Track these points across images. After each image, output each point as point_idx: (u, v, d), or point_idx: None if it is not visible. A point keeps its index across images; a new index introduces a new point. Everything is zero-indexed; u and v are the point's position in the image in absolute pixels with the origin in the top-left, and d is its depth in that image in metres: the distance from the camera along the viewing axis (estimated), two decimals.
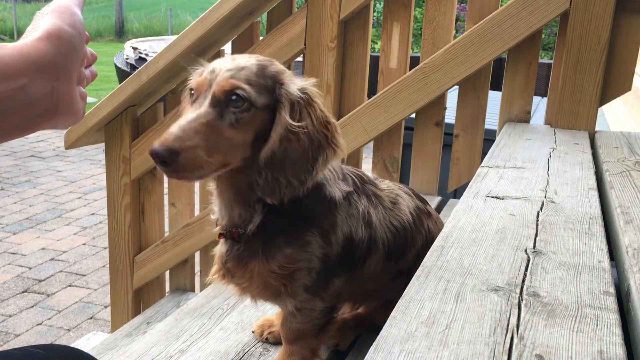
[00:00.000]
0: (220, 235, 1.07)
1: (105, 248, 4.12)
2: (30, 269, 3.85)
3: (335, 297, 1.12)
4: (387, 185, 1.21)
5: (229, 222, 1.05)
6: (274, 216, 1.02)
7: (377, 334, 0.75)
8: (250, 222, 1.02)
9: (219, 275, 1.11)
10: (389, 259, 1.15)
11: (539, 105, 4.23)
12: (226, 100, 0.91)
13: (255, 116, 0.93)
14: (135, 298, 2.64)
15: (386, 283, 1.21)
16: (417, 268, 1.20)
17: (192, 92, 0.96)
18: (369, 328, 1.31)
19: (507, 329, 0.76)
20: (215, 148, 0.90)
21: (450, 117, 2.32)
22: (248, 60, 0.96)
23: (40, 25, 0.66)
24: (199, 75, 0.97)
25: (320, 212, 1.04)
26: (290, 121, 0.93)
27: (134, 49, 7.71)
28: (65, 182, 5.71)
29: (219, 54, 2.40)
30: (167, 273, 2.65)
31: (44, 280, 3.71)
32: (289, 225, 1.03)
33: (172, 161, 0.86)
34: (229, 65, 0.94)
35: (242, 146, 0.94)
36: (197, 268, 2.73)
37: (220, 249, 1.10)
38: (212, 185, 1.07)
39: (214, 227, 1.11)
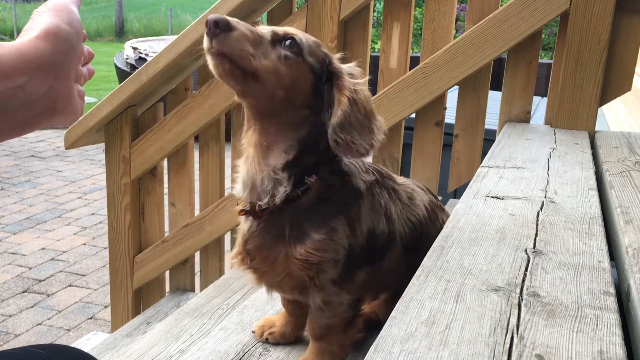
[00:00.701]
0: (242, 211, 1.04)
1: (105, 248, 4.12)
2: (30, 269, 3.85)
3: (361, 288, 1.11)
4: (403, 181, 1.23)
5: (251, 192, 1.03)
6: (300, 192, 1.01)
7: (379, 331, 0.75)
8: (276, 193, 1.00)
9: (238, 259, 1.08)
10: (406, 253, 1.16)
11: (539, 105, 4.23)
12: (282, 39, 0.98)
13: (300, 64, 0.99)
14: (135, 298, 2.64)
15: (402, 275, 1.21)
16: None
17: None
18: (374, 325, 1.31)
19: (507, 329, 0.76)
20: (257, 57, 0.93)
21: (450, 117, 2.32)
22: (306, 35, 1.04)
23: (38, 24, 0.66)
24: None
25: (347, 200, 1.05)
26: (352, 86, 1.00)
27: (134, 49, 7.71)
28: (65, 182, 5.71)
29: None
30: (167, 273, 2.65)
31: (44, 280, 3.71)
32: (317, 208, 1.02)
33: (224, 30, 0.89)
34: (290, 30, 1.01)
35: (279, 82, 0.97)
36: (197, 268, 2.73)
37: (241, 227, 1.07)
38: (243, 147, 1.06)
39: (235, 205, 1.08)
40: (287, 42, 0.97)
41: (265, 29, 0.99)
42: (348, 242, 1.03)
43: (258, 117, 1.01)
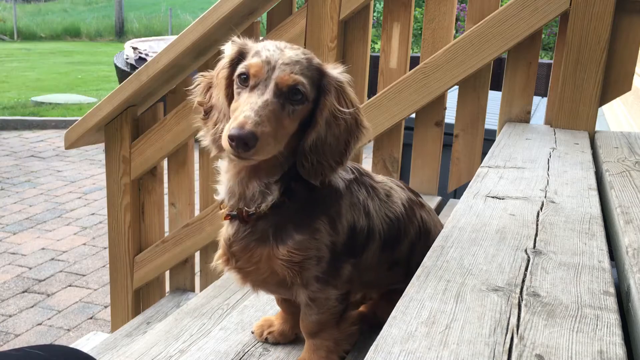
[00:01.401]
0: (227, 216, 1.07)
1: (105, 248, 4.12)
2: (30, 269, 3.85)
3: (347, 282, 1.12)
4: (381, 179, 1.24)
5: (238, 201, 1.05)
6: (287, 198, 1.04)
7: (379, 330, 0.75)
8: (263, 201, 1.03)
9: (223, 260, 1.11)
10: (385, 249, 1.17)
11: (539, 105, 4.23)
12: (288, 93, 0.97)
13: (305, 108, 1.00)
14: (135, 298, 2.64)
15: (383, 273, 1.22)
16: (411, 258, 1.21)
17: (245, 76, 1.00)
18: (372, 324, 1.31)
19: (507, 329, 0.76)
20: (277, 136, 0.96)
21: (450, 117, 2.32)
22: (296, 53, 1.02)
23: None
24: (251, 57, 1.02)
25: (328, 200, 1.07)
26: (338, 106, 1.00)
27: (134, 49, 7.71)
28: (65, 182, 5.71)
29: (219, 54, 2.39)
30: (167, 273, 2.65)
31: (44, 280, 3.71)
32: (299, 210, 1.05)
33: (252, 145, 0.90)
34: (284, 59, 0.99)
35: (290, 134, 1.00)
36: (197, 268, 2.73)
37: (225, 232, 1.10)
38: (222, 165, 1.08)
39: (218, 209, 1.11)
40: (293, 92, 0.97)
41: (264, 87, 0.96)
42: (330, 239, 1.06)
43: None
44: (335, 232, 1.06)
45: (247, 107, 0.93)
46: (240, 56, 1.06)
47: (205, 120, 1.08)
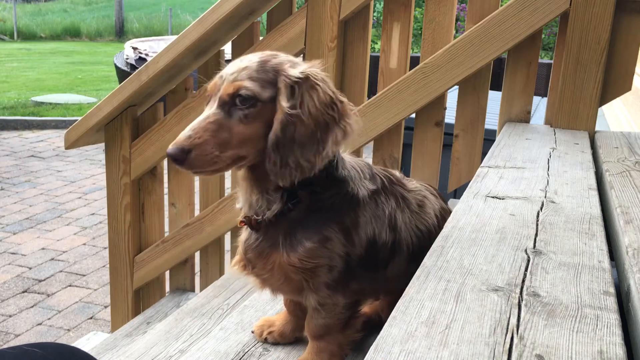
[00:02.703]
0: (241, 222, 1.09)
1: (105, 248, 4.12)
2: (30, 269, 3.85)
3: (357, 293, 1.12)
4: (415, 186, 1.22)
5: (248, 208, 1.08)
6: (293, 206, 1.04)
7: (379, 330, 0.75)
8: (268, 209, 1.05)
9: (240, 265, 1.13)
10: (413, 261, 1.15)
11: (539, 105, 4.23)
12: (232, 101, 0.98)
13: (262, 109, 0.98)
14: (135, 298, 2.64)
15: (407, 280, 1.21)
16: None
17: (208, 96, 1.03)
18: (376, 326, 1.31)
19: (507, 329, 0.76)
20: (226, 144, 0.96)
21: (450, 117, 2.32)
22: (251, 59, 1.01)
23: None
24: (212, 80, 1.04)
25: (340, 208, 1.06)
26: (286, 106, 0.97)
27: (134, 49, 7.71)
28: (65, 182, 5.71)
29: (219, 54, 2.40)
30: (167, 273, 2.65)
31: (44, 280, 3.71)
32: (307, 217, 1.05)
33: (184, 159, 0.94)
34: (233, 69, 1.00)
35: (256, 139, 0.99)
36: (197, 268, 2.73)
37: (242, 237, 1.12)
38: (238, 173, 1.10)
39: (237, 215, 1.14)
40: (238, 98, 0.97)
41: (214, 101, 0.99)
42: (345, 250, 1.05)
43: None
44: (350, 242, 1.05)
45: (188, 125, 0.97)
46: None
47: None
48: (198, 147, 0.94)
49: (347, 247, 1.05)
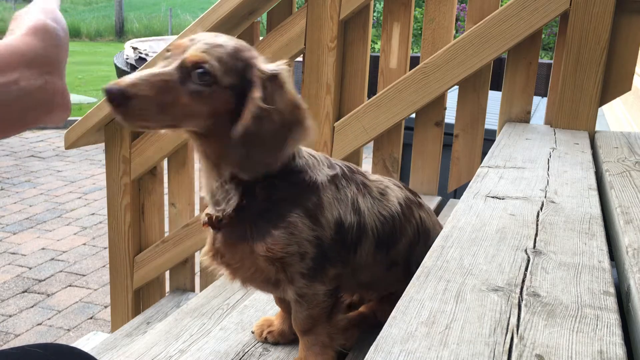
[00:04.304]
0: (204, 224, 1.08)
1: (105, 248, 4.12)
2: (30, 269, 3.85)
3: (334, 279, 1.11)
4: (376, 177, 1.23)
5: (210, 197, 1.07)
6: (250, 198, 1.03)
7: (379, 330, 0.75)
8: (227, 203, 1.04)
9: (209, 256, 1.12)
10: (380, 248, 1.16)
11: (539, 105, 4.23)
12: (192, 69, 0.93)
13: (216, 93, 0.95)
14: (135, 298, 2.64)
15: (381, 274, 1.22)
16: (410, 259, 1.21)
17: (168, 52, 0.98)
18: (372, 325, 1.31)
19: (507, 329, 0.76)
20: (167, 107, 0.92)
21: (450, 117, 2.32)
22: (227, 41, 0.98)
23: (25, 22, 0.67)
24: (179, 38, 1.00)
25: (299, 193, 1.05)
26: (261, 102, 0.96)
27: (134, 49, 7.71)
28: (65, 182, 5.71)
29: None
30: (167, 273, 2.65)
31: (44, 280, 3.71)
32: (269, 206, 1.04)
33: (121, 103, 0.89)
34: (208, 40, 0.96)
35: (199, 117, 0.96)
36: (197, 268, 2.73)
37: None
38: (196, 150, 1.08)
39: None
40: (199, 70, 0.93)
41: (174, 61, 0.94)
42: (313, 234, 1.05)
43: (198, 136, 1.02)
44: (318, 225, 1.05)
45: (140, 72, 0.92)
46: None
47: None
48: (140, 99, 0.89)
49: (316, 230, 1.05)
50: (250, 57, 0.99)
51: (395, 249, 1.20)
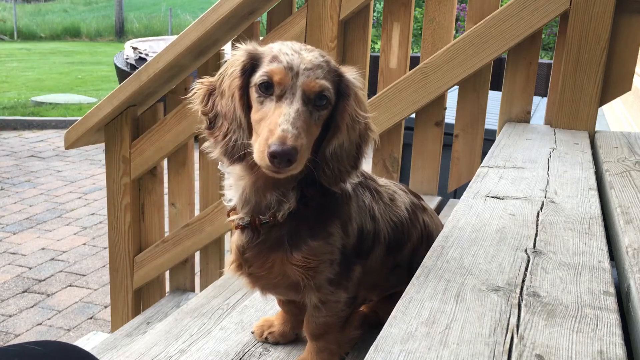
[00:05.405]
0: (239, 226, 1.06)
1: (105, 248, 4.12)
2: (30, 269, 3.85)
3: (357, 285, 1.12)
4: (385, 182, 1.24)
5: (252, 209, 1.04)
6: (302, 206, 1.03)
7: (379, 330, 0.75)
8: (279, 210, 1.02)
9: (235, 266, 1.10)
10: (389, 253, 1.17)
11: (539, 105, 4.23)
12: (314, 100, 0.94)
13: (328, 113, 0.97)
14: (135, 298, 2.64)
15: (385, 276, 1.22)
16: (413, 261, 1.21)
17: (267, 84, 0.94)
18: (373, 324, 1.32)
19: (507, 329, 0.76)
20: (309, 144, 0.93)
21: (450, 117, 2.32)
22: (315, 56, 0.96)
23: None
24: (269, 62, 0.96)
25: (340, 203, 1.06)
26: (359, 110, 0.98)
27: (134, 49, 7.71)
28: (65, 182, 5.71)
29: (219, 55, 2.40)
30: (167, 273, 2.65)
31: (44, 280, 3.71)
32: (314, 216, 1.04)
33: (294, 160, 0.87)
34: (306, 64, 0.94)
35: (314, 141, 0.97)
36: (197, 268, 2.73)
37: (237, 239, 1.08)
38: (233, 172, 1.05)
39: (226, 216, 1.10)
40: (319, 98, 0.94)
41: (286, 91, 0.92)
42: (342, 242, 1.06)
43: None
44: (347, 235, 1.06)
45: (281, 118, 0.89)
46: (253, 61, 0.99)
47: (212, 131, 1.02)
48: (304, 149, 0.88)
49: (344, 239, 1.06)
50: (336, 67, 1.01)
51: (402, 253, 1.20)
